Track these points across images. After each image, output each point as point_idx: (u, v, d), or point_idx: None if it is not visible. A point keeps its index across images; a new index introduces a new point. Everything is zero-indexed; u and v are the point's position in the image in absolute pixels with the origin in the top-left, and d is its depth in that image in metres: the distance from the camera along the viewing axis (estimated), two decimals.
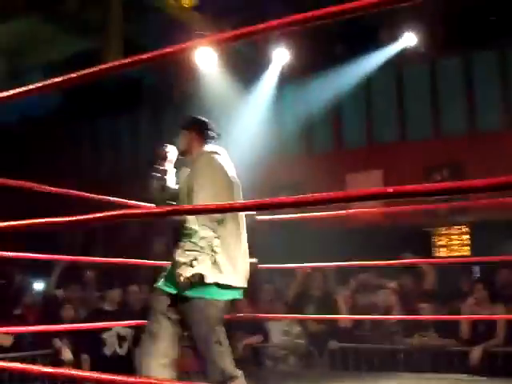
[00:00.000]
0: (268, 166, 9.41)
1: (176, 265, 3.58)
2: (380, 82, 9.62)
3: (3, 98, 2.16)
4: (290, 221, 5.71)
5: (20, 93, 2.16)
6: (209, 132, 4.10)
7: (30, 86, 2.16)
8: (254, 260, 5.47)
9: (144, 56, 2.04)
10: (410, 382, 5.77)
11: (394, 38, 9.27)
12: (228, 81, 9.59)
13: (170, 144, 4.09)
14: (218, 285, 3.56)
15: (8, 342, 6.25)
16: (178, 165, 4.13)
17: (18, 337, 6.40)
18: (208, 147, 4.02)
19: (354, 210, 6.35)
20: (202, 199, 3.66)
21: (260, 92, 9.83)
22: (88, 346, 6.72)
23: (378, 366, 6.47)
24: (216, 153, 3.97)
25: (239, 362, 6.32)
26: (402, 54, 9.31)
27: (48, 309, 7.33)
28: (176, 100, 10.47)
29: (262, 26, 1.88)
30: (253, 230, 5.80)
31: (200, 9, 8.28)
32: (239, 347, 7.06)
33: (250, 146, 9.41)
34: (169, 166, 4.10)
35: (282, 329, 7.29)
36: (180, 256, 3.60)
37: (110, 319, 5.97)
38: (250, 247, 3.94)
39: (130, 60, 2.09)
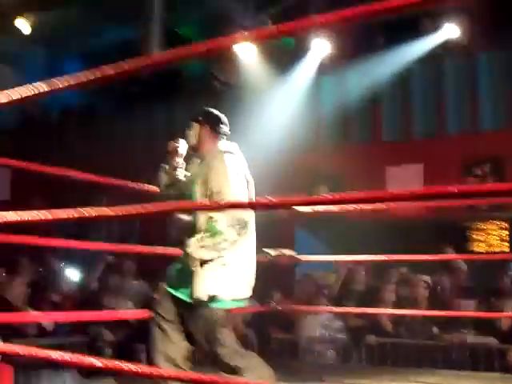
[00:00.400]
0: (305, 157, 9.33)
1: (189, 264, 3.51)
2: (419, 73, 9.47)
3: (43, 93, 2.14)
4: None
5: (59, 87, 2.14)
6: (222, 127, 3.94)
7: (70, 80, 2.12)
8: (292, 252, 5.47)
9: (188, 49, 2.01)
10: (448, 379, 5.68)
11: (435, 29, 9.12)
12: (266, 70, 9.52)
13: (182, 137, 3.96)
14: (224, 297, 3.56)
15: (50, 327, 6.29)
16: (187, 158, 4.03)
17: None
18: (221, 144, 3.86)
19: (395, 203, 6.26)
20: (224, 198, 3.50)
21: (298, 82, 9.73)
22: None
23: (416, 362, 6.40)
24: (229, 152, 3.81)
25: (276, 356, 6.36)
26: (443, 46, 9.15)
27: (87, 297, 7.39)
28: (214, 89, 10.44)
29: (304, 22, 1.84)
30: (291, 222, 5.81)
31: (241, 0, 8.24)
32: (277, 340, 7.04)
33: (287, 137, 9.36)
34: (179, 161, 3.99)
35: (323, 323, 7.24)
36: (195, 253, 3.49)
37: None
38: (288, 239, 3.91)
39: (173, 53, 2.07)
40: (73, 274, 8.54)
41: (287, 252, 5.41)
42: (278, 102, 9.58)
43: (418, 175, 8.83)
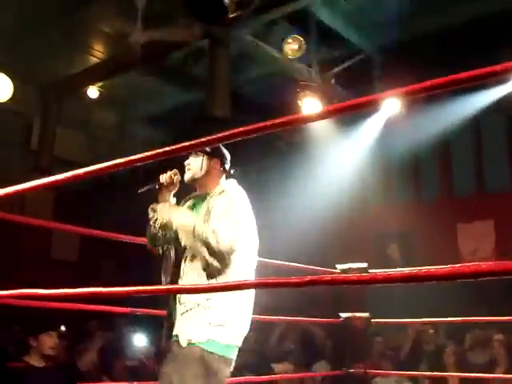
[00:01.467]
0: (375, 214, 9.26)
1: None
2: (490, 124, 9.32)
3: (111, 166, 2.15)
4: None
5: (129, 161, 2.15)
6: (229, 165, 3.47)
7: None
8: (367, 315, 5.37)
9: (271, 122, 2.00)
10: None
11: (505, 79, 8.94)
12: (331, 126, 9.49)
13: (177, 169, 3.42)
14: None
15: None
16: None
17: None
18: (231, 183, 3.38)
19: (470, 264, 6.08)
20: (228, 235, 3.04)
21: (365, 137, 9.70)
22: None
23: None
24: (243, 192, 3.32)
25: None
26: None
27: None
28: (279, 149, 10.49)
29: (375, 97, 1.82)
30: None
31: (304, 60, 8.29)
32: None
33: (356, 194, 9.32)
34: (168, 196, 3.39)
35: None
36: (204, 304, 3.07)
37: None
38: (362, 301, 3.81)
39: (255, 127, 2.05)
40: (142, 339, 8.53)
41: (360, 314, 5.32)
42: (345, 159, 9.55)
43: (490, 232, 8.63)
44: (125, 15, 8.10)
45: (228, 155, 3.48)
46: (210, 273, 3.08)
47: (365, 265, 5.19)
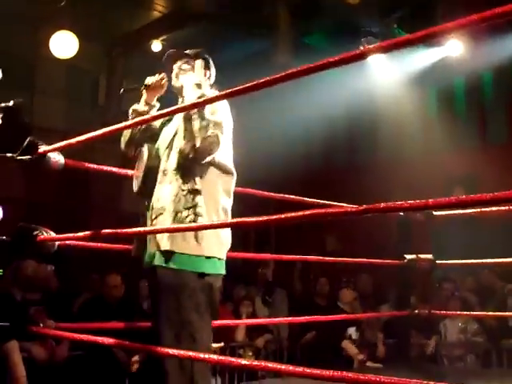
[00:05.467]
0: (440, 160, 9.20)
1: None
2: None
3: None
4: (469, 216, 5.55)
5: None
6: (213, 76, 3.44)
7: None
8: (431, 256, 5.41)
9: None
10: None
11: None
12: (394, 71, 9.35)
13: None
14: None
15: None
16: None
17: None
18: (214, 92, 3.26)
19: None
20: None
21: (432, 83, 9.59)
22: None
23: None
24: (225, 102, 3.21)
25: (416, 361, 6.30)
26: None
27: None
28: None
29: (436, 28, 1.84)
30: (428, 226, 5.75)
31: (366, 5, 8.20)
32: (416, 345, 6.98)
33: (423, 138, 9.28)
34: (152, 99, 3.44)
35: (459, 326, 7.12)
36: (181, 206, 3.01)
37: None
38: (426, 243, 3.80)
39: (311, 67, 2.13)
40: None
41: (424, 256, 5.37)
42: (414, 104, 9.47)
43: None
44: None
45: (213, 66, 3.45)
46: (184, 174, 3.06)
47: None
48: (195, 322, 2.93)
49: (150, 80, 3.43)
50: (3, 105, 3.02)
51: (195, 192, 3.03)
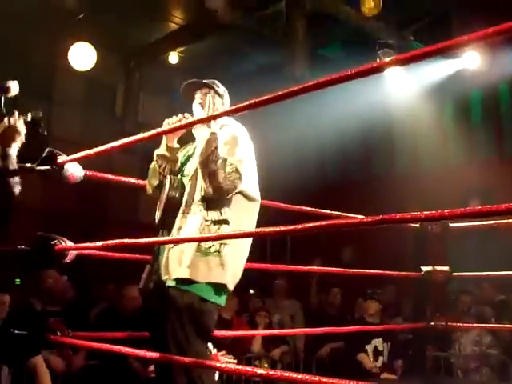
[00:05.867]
0: (457, 171, 9.18)
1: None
2: None
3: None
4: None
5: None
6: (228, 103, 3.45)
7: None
8: (447, 268, 5.41)
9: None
10: None
11: None
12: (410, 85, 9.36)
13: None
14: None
15: None
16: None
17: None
18: (230, 120, 3.32)
19: None
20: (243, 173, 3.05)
21: (449, 97, 9.58)
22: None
23: None
24: (242, 127, 3.30)
25: (433, 373, 6.28)
26: None
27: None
28: None
29: (453, 40, 1.85)
30: (444, 237, 5.73)
31: (382, 17, 8.22)
32: (432, 358, 6.95)
33: (439, 151, 9.26)
34: (173, 141, 3.36)
35: (473, 339, 7.09)
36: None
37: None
38: (441, 255, 3.81)
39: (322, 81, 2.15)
40: None
41: (440, 268, 5.36)
42: (430, 116, 9.45)
43: None
44: None
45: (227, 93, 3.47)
46: (209, 206, 3.07)
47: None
48: (199, 344, 2.99)
49: (168, 121, 3.33)
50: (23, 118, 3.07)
51: (221, 222, 3.06)
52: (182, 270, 3.00)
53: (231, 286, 3.11)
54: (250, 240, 3.19)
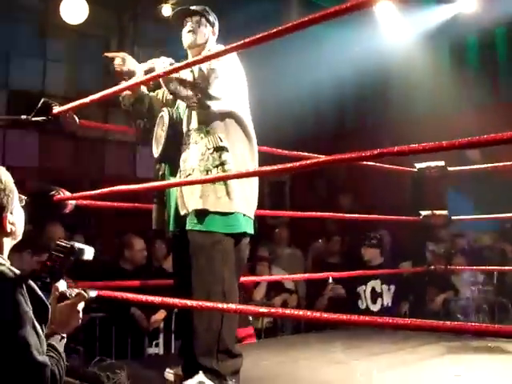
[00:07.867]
0: (452, 118, 9.12)
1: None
2: None
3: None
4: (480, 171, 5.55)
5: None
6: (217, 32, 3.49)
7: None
8: (445, 212, 5.42)
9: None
10: None
11: None
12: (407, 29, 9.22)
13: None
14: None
15: None
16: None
17: None
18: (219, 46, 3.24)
19: None
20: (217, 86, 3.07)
21: (444, 44, 9.50)
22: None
23: None
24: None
25: (433, 316, 6.33)
26: None
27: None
28: None
29: None
30: (443, 182, 5.75)
31: None
32: (433, 302, 7.01)
33: (433, 98, 9.21)
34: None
35: (468, 279, 7.14)
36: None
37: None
38: (439, 199, 3.80)
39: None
40: None
41: (439, 212, 5.38)
42: (426, 62, 9.36)
43: None
44: None
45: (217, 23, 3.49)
46: (207, 133, 3.14)
47: (442, 163, 5.22)
48: (227, 279, 3.03)
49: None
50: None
51: (221, 149, 3.09)
52: (195, 201, 3.06)
53: (248, 212, 3.16)
54: (252, 165, 3.22)
